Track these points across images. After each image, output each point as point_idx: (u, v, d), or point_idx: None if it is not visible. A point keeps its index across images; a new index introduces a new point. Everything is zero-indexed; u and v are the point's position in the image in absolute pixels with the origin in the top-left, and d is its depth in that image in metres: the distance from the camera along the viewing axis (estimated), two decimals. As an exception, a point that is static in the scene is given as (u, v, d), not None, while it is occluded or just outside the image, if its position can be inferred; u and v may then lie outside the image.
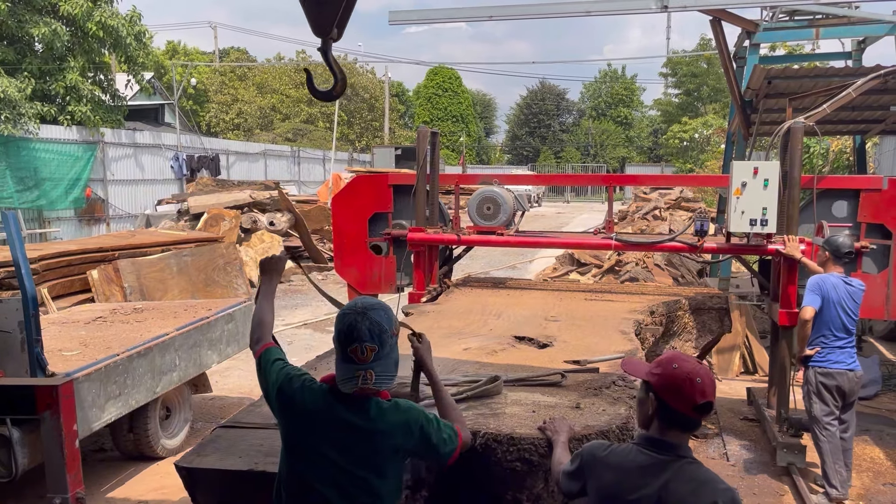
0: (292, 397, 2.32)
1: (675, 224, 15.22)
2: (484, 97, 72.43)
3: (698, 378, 2.14)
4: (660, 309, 5.78)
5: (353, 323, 2.22)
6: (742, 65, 10.07)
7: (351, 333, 2.21)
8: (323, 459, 2.27)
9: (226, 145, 28.44)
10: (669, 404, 2.17)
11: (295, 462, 2.32)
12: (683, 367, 2.17)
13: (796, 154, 5.73)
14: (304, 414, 2.30)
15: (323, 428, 2.28)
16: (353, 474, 2.27)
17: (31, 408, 4.15)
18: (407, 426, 2.32)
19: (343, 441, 2.27)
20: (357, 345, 2.20)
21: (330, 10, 2.83)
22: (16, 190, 16.99)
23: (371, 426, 2.27)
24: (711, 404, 2.15)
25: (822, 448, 5.33)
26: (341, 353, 2.25)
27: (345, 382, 2.24)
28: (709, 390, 2.14)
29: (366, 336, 2.21)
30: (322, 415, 2.29)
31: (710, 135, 36.35)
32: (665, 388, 2.18)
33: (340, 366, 2.26)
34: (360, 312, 2.25)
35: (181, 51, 45.54)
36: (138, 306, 7.62)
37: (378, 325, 2.25)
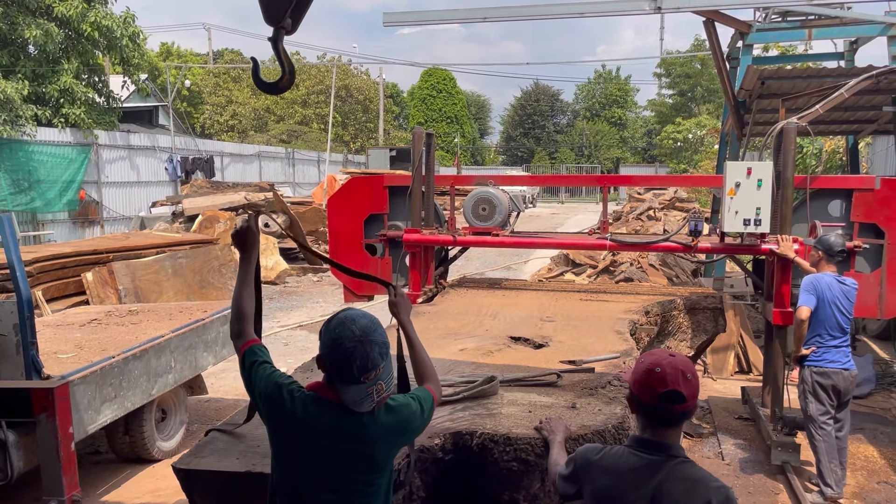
0: (282, 406, 2.25)
1: (669, 224, 15.25)
2: (478, 98, 72.52)
3: (658, 367, 2.14)
4: (655, 309, 5.80)
5: (365, 354, 2.15)
6: (735, 65, 10.11)
7: (366, 365, 2.15)
8: (317, 468, 2.24)
9: (220, 147, 28.41)
10: (639, 398, 2.19)
11: (287, 472, 2.28)
12: (647, 360, 2.20)
13: (789, 154, 5.76)
14: (294, 424, 2.24)
15: (315, 437, 2.23)
16: (350, 478, 2.24)
17: (26, 410, 4.15)
18: (399, 426, 2.31)
19: (337, 448, 2.22)
20: (373, 371, 2.16)
21: (285, 0, 2.65)
22: (10, 192, 16.94)
23: (364, 432, 2.23)
24: (677, 392, 2.12)
25: (818, 447, 5.35)
26: (350, 380, 2.16)
27: (360, 403, 2.18)
28: (671, 379, 2.12)
29: (378, 361, 2.17)
30: (313, 424, 2.22)
31: (704, 135, 36.46)
32: (634, 382, 2.21)
33: (349, 388, 2.17)
34: (362, 341, 2.16)
35: (175, 52, 45.44)
36: (133, 308, 7.60)
37: (383, 344, 2.21)
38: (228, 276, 12.35)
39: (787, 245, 5.65)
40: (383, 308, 7.42)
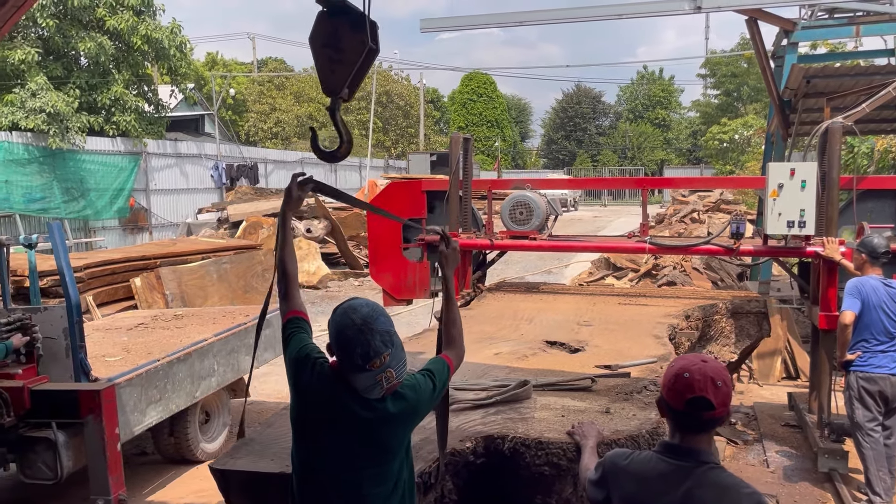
0: (304, 376, 2.32)
1: (713, 227, 14.99)
2: (519, 101, 72.28)
3: (686, 373, 2.10)
4: (695, 313, 5.72)
5: (366, 342, 2.17)
6: (781, 64, 9.90)
7: (368, 353, 2.17)
8: (328, 444, 2.27)
9: (264, 154, 28.90)
10: (668, 402, 2.15)
11: (302, 443, 2.33)
12: (677, 363, 2.16)
13: (834, 154, 5.62)
14: (312, 395, 2.30)
15: (329, 412, 2.27)
16: (358, 460, 2.26)
17: (75, 412, 4.28)
18: (412, 411, 2.32)
19: (347, 427, 2.25)
20: (376, 359, 2.18)
21: (342, 73, 2.89)
22: (63, 200, 17.51)
23: (373, 416, 2.25)
24: (704, 399, 2.08)
25: (866, 455, 5.20)
26: (355, 368, 2.19)
27: (370, 390, 2.21)
28: (698, 385, 2.07)
29: (381, 349, 2.18)
30: (329, 401, 2.27)
31: (751, 136, 35.72)
32: (664, 386, 2.17)
33: (358, 376, 2.20)
34: (362, 329, 2.19)
35: (220, 62, 46.37)
36: (178, 313, 7.78)
37: (386, 332, 2.21)
38: (271, 280, 12.54)
39: (833, 247, 5.51)
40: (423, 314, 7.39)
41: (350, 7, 2.93)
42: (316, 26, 2.94)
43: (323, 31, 2.93)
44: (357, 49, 2.87)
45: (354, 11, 2.89)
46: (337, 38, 2.90)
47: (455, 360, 2.56)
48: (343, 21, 2.90)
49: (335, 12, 2.93)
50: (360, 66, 2.90)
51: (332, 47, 2.91)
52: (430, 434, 2.95)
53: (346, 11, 2.92)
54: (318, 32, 2.93)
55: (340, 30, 2.89)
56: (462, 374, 3.85)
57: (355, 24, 2.87)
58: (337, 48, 2.90)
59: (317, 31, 2.94)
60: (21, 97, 16.59)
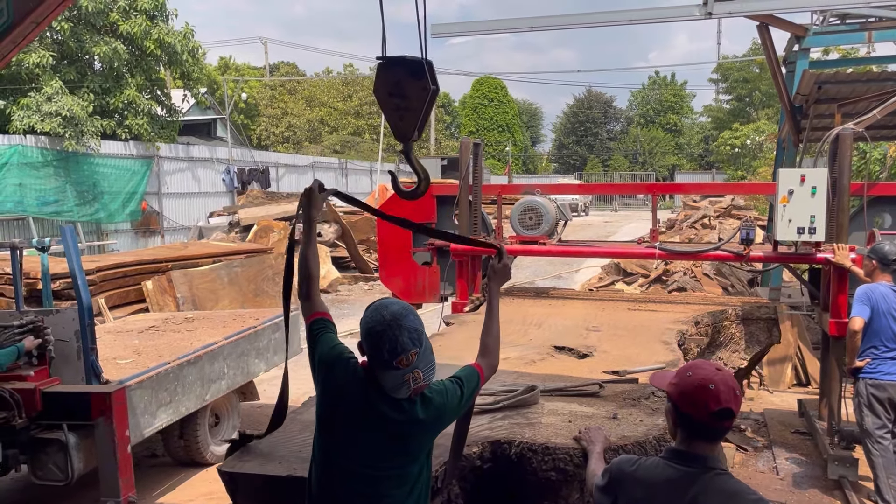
0: (337, 374, 2.36)
1: (724, 233, 14.92)
2: (530, 106, 72.31)
3: (711, 384, 2.10)
4: (705, 319, 5.70)
5: (394, 337, 2.21)
6: (792, 70, 9.85)
7: (395, 348, 2.20)
8: (353, 442, 2.31)
9: (275, 158, 29.04)
10: (687, 413, 2.14)
11: (328, 438, 2.36)
12: (697, 374, 2.14)
13: (845, 161, 5.61)
14: (343, 394, 2.34)
15: (356, 412, 2.30)
16: (380, 461, 2.30)
17: (86, 414, 4.32)
18: (439, 417, 2.36)
19: (373, 428, 2.29)
20: (404, 356, 2.21)
21: (411, 119, 3.03)
22: (76, 204, 17.65)
23: (400, 420, 2.28)
24: (730, 410, 2.10)
25: (875, 462, 5.17)
26: (383, 364, 2.23)
27: (397, 389, 2.24)
28: (724, 396, 2.09)
29: (409, 346, 2.22)
30: (359, 400, 2.30)
31: (763, 141, 35.54)
32: (681, 396, 2.15)
33: (386, 374, 2.24)
34: (391, 325, 2.23)
35: (232, 66, 46.66)
36: (189, 316, 7.83)
37: (415, 330, 2.25)
38: (281, 284, 12.60)
39: (844, 254, 5.49)
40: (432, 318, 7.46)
41: (407, 57, 3.05)
42: (378, 78, 3.07)
43: (386, 82, 3.06)
44: (421, 96, 3.01)
45: (411, 60, 3.01)
46: (401, 87, 3.02)
47: (487, 371, 2.60)
48: (402, 70, 3.02)
49: (393, 63, 3.05)
50: (426, 108, 3.04)
51: (397, 96, 3.04)
52: (439, 438, 2.96)
53: (404, 61, 3.04)
54: (382, 83, 3.07)
55: (402, 78, 3.01)
56: (470, 378, 3.86)
57: (414, 71, 2.99)
58: (402, 96, 3.03)
59: (380, 82, 3.07)
60: (37, 101, 16.75)
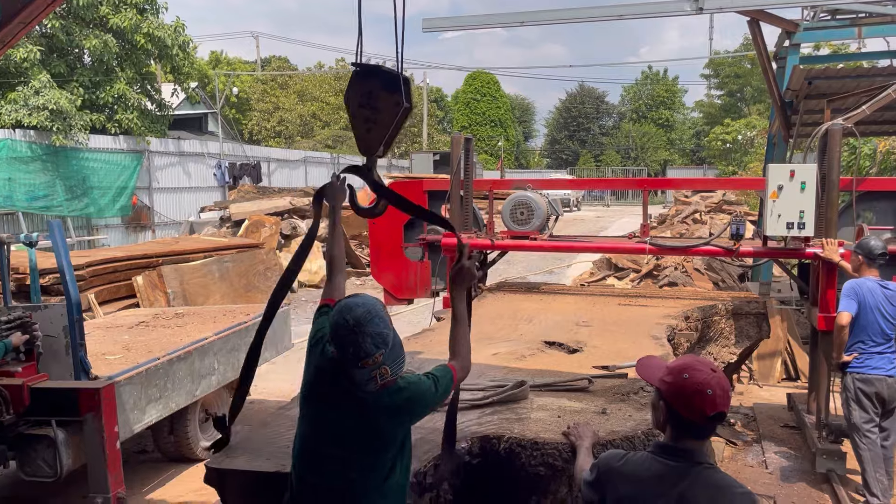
0: (314, 354, 2.45)
1: (715, 228, 14.98)
2: (522, 101, 72.27)
3: (709, 389, 2.09)
4: (695, 314, 5.72)
5: (357, 343, 2.22)
6: (783, 65, 9.89)
7: (358, 353, 2.22)
8: (324, 423, 2.35)
9: (267, 153, 28.91)
10: (679, 413, 2.14)
11: (305, 413, 2.43)
12: (695, 378, 2.11)
13: (834, 156, 5.63)
14: (319, 373, 2.40)
15: (331, 393, 2.34)
16: (351, 447, 2.31)
17: (74, 410, 4.30)
18: (406, 404, 2.36)
19: (345, 413, 2.32)
20: (368, 359, 2.22)
21: (378, 133, 2.95)
22: (65, 198, 17.54)
23: (369, 403, 2.30)
24: (724, 414, 2.12)
25: (863, 456, 5.20)
26: (349, 364, 2.25)
27: (365, 384, 2.27)
28: (720, 401, 2.09)
29: (372, 350, 2.22)
30: (332, 380, 2.34)
31: (754, 136, 35.69)
32: (675, 396, 2.14)
33: (353, 371, 2.26)
34: (354, 331, 2.23)
35: (224, 60, 46.43)
36: (179, 311, 7.81)
37: (378, 335, 2.24)
38: (273, 279, 12.58)
39: (832, 249, 5.52)
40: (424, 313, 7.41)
41: (384, 69, 2.99)
42: (351, 87, 2.98)
43: (358, 92, 2.97)
44: (392, 110, 2.92)
45: (388, 72, 2.94)
46: (373, 99, 2.94)
47: (460, 372, 2.60)
48: (377, 82, 2.94)
49: (369, 73, 2.97)
50: (396, 125, 2.96)
51: (368, 107, 2.96)
52: (427, 434, 2.97)
53: (380, 72, 2.97)
54: (354, 93, 2.98)
55: (375, 90, 2.93)
56: (460, 374, 3.86)
57: (389, 84, 2.91)
58: (373, 108, 2.95)
59: (352, 91, 2.98)
60: (24, 95, 16.63)
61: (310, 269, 16.18)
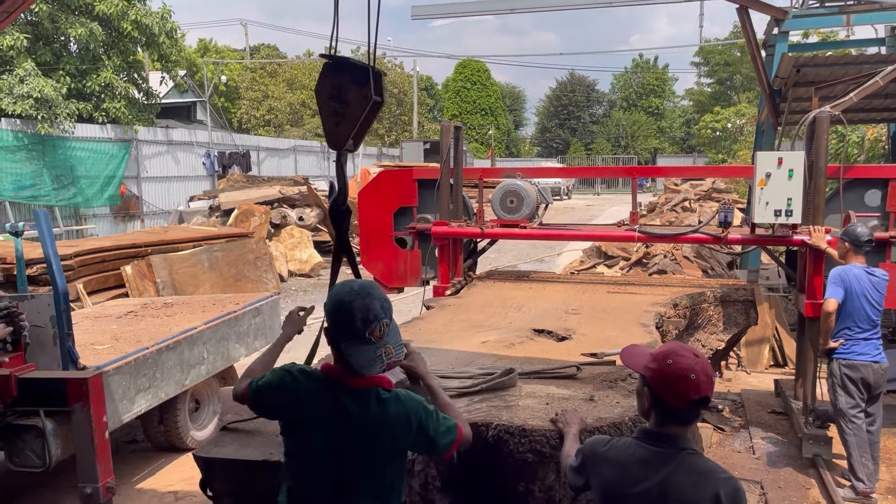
0: (288, 387, 2.34)
1: (704, 216, 15.02)
2: (513, 89, 72.13)
3: (693, 374, 2.11)
4: (683, 301, 5.74)
5: (366, 306, 2.21)
6: (772, 53, 9.90)
7: (368, 317, 2.20)
8: (321, 447, 2.29)
9: (256, 141, 28.76)
10: (664, 399, 2.16)
11: (296, 451, 2.34)
12: (679, 363, 2.14)
13: (821, 144, 5.65)
14: (300, 401, 2.32)
15: (320, 414, 2.29)
16: (353, 465, 2.28)
17: (62, 400, 4.27)
18: (406, 418, 2.31)
19: (344, 431, 2.27)
20: (376, 324, 2.21)
21: (347, 127, 2.92)
22: (53, 188, 17.41)
23: (371, 417, 2.27)
24: (708, 399, 2.14)
25: (849, 441, 5.26)
26: (357, 339, 2.21)
27: (371, 365, 2.23)
28: (704, 386, 2.12)
29: (381, 314, 2.23)
30: (318, 401, 2.30)
31: (744, 124, 35.75)
32: (660, 383, 2.16)
33: (357, 351, 2.22)
34: (365, 295, 2.24)
35: (212, 48, 46.07)
36: (168, 301, 7.78)
37: (386, 299, 2.28)
38: (263, 268, 12.55)
39: (819, 236, 5.55)
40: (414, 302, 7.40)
41: (354, 61, 2.97)
42: (322, 78, 2.97)
43: (328, 84, 2.96)
44: (361, 104, 2.91)
45: (359, 65, 2.92)
46: (342, 92, 2.93)
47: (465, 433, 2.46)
48: (347, 75, 2.93)
49: (340, 66, 2.95)
50: (364, 119, 2.93)
51: (337, 100, 2.94)
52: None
53: (350, 65, 2.95)
54: (324, 85, 2.97)
55: (345, 83, 2.92)
56: (449, 361, 3.86)
57: (360, 77, 2.89)
58: (342, 101, 2.93)
59: (323, 83, 2.97)
60: (9, 83, 16.45)
61: (300, 259, 16.15)
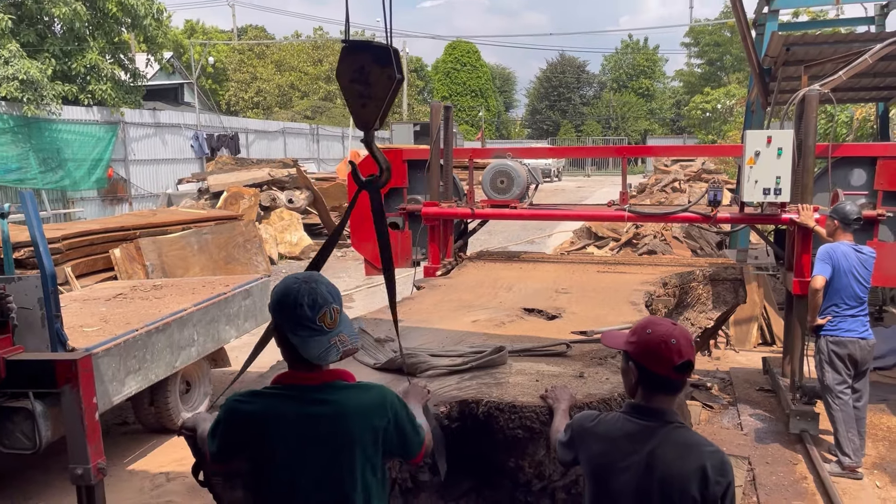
0: (244, 413, 2.17)
1: (694, 196, 15.05)
2: (503, 71, 71.80)
3: (673, 339, 2.15)
4: (672, 280, 5.76)
5: (315, 290, 2.12)
6: (762, 32, 9.88)
7: (316, 302, 2.11)
8: (298, 462, 2.14)
9: (245, 124, 28.55)
10: (650, 369, 2.18)
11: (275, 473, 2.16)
12: (657, 331, 2.18)
13: (810, 122, 5.66)
14: (262, 422, 2.14)
15: (287, 427, 2.13)
16: (335, 468, 2.14)
17: (52, 382, 4.25)
18: (381, 404, 2.20)
19: (313, 434, 2.12)
20: (325, 309, 2.11)
21: (374, 107, 2.91)
22: (39, 171, 17.23)
23: (337, 409, 2.14)
24: (691, 363, 2.17)
25: (835, 417, 5.33)
26: (307, 329, 2.10)
27: (325, 355, 2.11)
28: (685, 350, 2.15)
29: (330, 298, 2.13)
30: (282, 413, 2.13)
31: (734, 105, 35.75)
32: (643, 354, 2.19)
33: (310, 342, 2.10)
34: (310, 281, 2.15)
35: (199, 29, 45.59)
36: (158, 283, 7.75)
37: (333, 286, 2.19)
38: (253, 251, 12.51)
39: (808, 214, 5.58)
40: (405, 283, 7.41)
41: (373, 43, 2.95)
42: (341, 63, 2.95)
43: (350, 67, 2.93)
44: (386, 84, 2.89)
45: (378, 46, 2.91)
46: (364, 74, 2.91)
47: (429, 439, 2.40)
48: (367, 56, 2.91)
49: (358, 48, 2.95)
50: (390, 97, 2.93)
51: (360, 83, 2.92)
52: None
53: (370, 47, 2.94)
54: (345, 69, 2.94)
55: (367, 65, 2.90)
56: (439, 340, 3.88)
57: (380, 57, 2.88)
58: (366, 83, 2.91)
59: (343, 67, 2.95)
60: (-7, 65, 16.23)
61: (290, 241, 16.11)
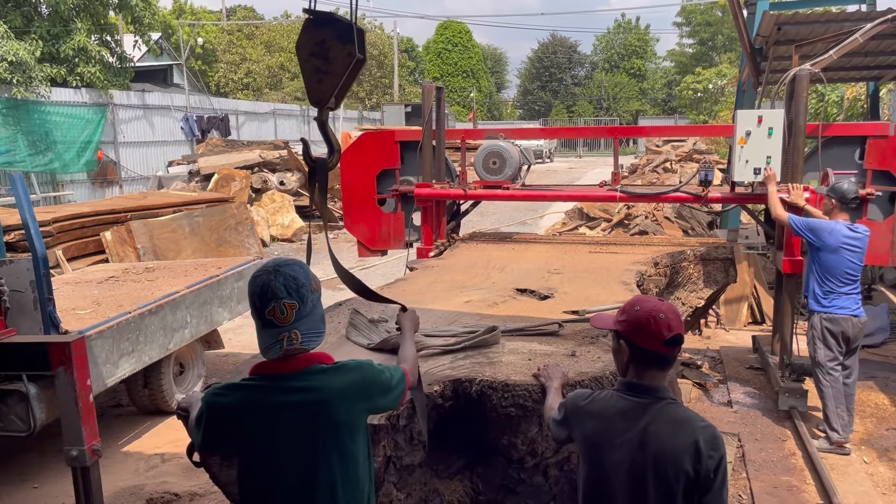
0: (223, 406, 2.10)
1: (685, 176, 15.11)
2: (494, 51, 71.41)
3: (661, 314, 2.19)
4: (664, 260, 5.80)
5: (267, 282, 2.03)
6: (753, 11, 9.85)
7: (265, 294, 2.02)
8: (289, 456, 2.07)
9: (235, 105, 28.34)
10: (640, 345, 2.21)
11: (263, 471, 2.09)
12: (645, 307, 2.22)
13: (801, 102, 5.67)
14: (240, 412, 2.08)
15: (267, 413, 2.06)
16: (313, 448, 2.07)
17: (45, 364, 4.25)
18: (359, 385, 2.14)
19: (294, 425, 2.05)
20: (274, 304, 2.02)
21: (330, 84, 2.85)
22: (28, 154, 17.10)
23: (319, 396, 2.06)
24: (681, 337, 2.20)
25: (825, 393, 5.39)
26: (260, 321, 2.06)
27: (268, 350, 2.06)
28: (674, 323, 2.19)
29: (282, 293, 2.02)
30: (258, 411, 2.06)
31: (725, 85, 35.70)
32: (633, 331, 2.22)
33: (261, 334, 2.06)
34: (272, 271, 2.06)
35: (188, 10, 45.09)
36: (150, 266, 7.73)
37: (294, 279, 2.06)
38: (245, 233, 12.48)
39: (798, 193, 5.61)
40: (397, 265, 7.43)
41: (337, 17, 2.88)
42: (303, 34, 2.88)
43: (310, 41, 2.87)
44: (345, 61, 2.83)
45: (342, 21, 2.85)
46: (325, 49, 2.85)
47: (412, 376, 2.43)
48: (330, 31, 2.85)
49: (322, 21, 2.88)
50: (348, 76, 2.87)
51: (319, 57, 2.86)
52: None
53: (334, 21, 2.87)
54: (306, 41, 2.88)
55: (328, 40, 2.84)
56: (432, 321, 3.89)
57: (343, 34, 2.82)
58: (325, 58, 2.86)
59: (304, 39, 2.88)
60: (-20, 47, 16.06)
61: (282, 224, 16.08)
